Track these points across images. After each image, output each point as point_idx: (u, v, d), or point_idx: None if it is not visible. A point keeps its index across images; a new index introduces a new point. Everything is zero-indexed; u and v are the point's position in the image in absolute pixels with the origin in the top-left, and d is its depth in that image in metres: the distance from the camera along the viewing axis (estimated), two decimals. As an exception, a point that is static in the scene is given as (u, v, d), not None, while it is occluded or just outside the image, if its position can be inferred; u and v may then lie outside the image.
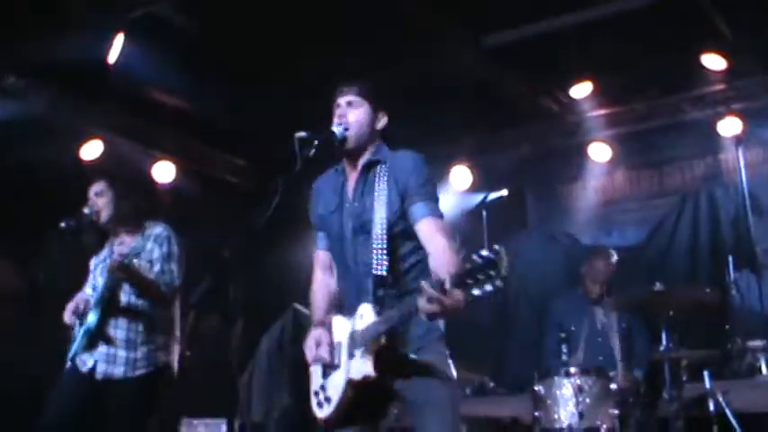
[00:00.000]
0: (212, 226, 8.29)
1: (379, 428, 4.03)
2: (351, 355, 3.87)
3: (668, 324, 6.06)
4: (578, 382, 5.98)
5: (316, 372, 4.09)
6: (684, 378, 6.13)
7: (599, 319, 6.98)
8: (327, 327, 4.08)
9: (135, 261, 5.27)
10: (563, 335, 6.37)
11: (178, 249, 5.46)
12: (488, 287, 3.26)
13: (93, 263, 5.59)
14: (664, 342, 6.05)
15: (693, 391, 6.15)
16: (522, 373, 6.75)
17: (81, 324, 5.29)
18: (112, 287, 5.29)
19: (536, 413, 6.12)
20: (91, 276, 5.55)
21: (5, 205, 7.22)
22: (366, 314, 3.85)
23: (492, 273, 3.25)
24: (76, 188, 5.57)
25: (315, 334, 4.07)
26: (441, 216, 3.97)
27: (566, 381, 6.03)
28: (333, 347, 4.00)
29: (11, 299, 7.45)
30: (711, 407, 6.01)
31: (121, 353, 5.24)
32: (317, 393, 4.04)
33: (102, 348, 5.24)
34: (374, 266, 3.89)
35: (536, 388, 6.16)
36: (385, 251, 3.90)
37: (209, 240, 7.77)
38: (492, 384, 7.24)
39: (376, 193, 4.00)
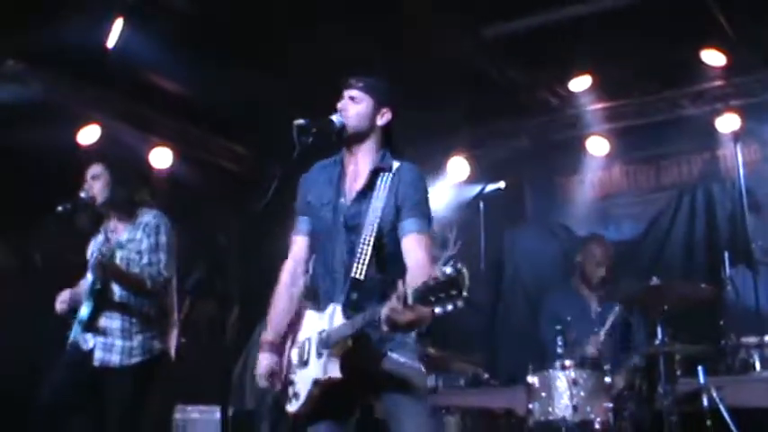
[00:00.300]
0: (209, 213, 8.30)
1: (348, 425, 4.03)
2: (319, 355, 3.88)
3: (663, 319, 6.06)
4: (573, 374, 5.98)
5: (289, 360, 4.09)
6: (679, 373, 6.13)
7: (594, 311, 6.98)
8: (278, 351, 4.08)
9: (120, 254, 5.30)
10: (558, 327, 6.36)
11: (167, 238, 5.46)
12: (449, 306, 3.27)
13: (91, 246, 5.59)
14: (659, 336, 6.05)
15: (687, 386, 6.15)
16: (517, 364, 6.75)
17: (75, 313, 5.30)
18: (103, 280, 5.30)
19: (530, 405, 6.12)
20: (90, 261, 5.55)
21: (3, 188, 7.20)
22: (336, 315, 3.87)
23: (453, 292, 3.27)
24: (74, 172, 5.56)
25: (269, 362, 4.06)
26: (428, 234, 4.01)
27: (560, 373, 6.03)
28: (289, 371, 4.02)
29: (7, 281, 7.45)
30: (705, 402, 6.01)
31: (118, 342, 5.27)
32: (289, 384, 4.05)
33: (99, 338, 5.26)
34: (353, 270, 3.90)
35: (530, 380, 6.16)
36: (367, 257, 3.91)
37: (206, 227, 7.81)
38: (486, 376, 7.25)
39: (375, 200, 4.01)
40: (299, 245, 4.27)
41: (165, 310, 5.46)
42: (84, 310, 5.28)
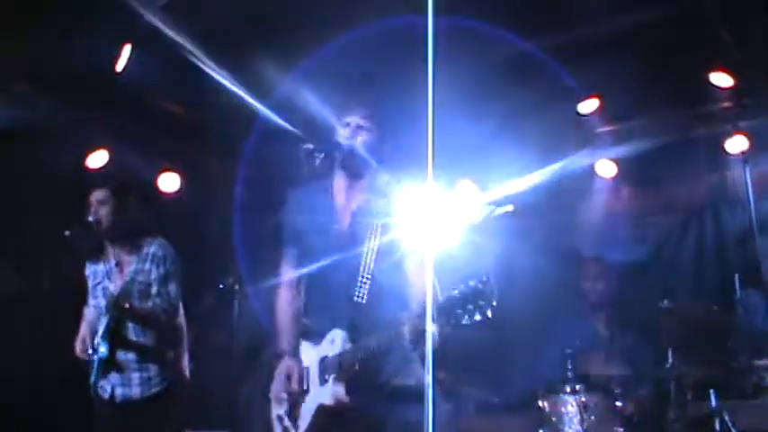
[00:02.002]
0: (217, 237, 8.29)
1: None
2: (323, 381, 3.86)
3: (674, 342, 6.03)
4: (583, 399, 5.95)
5: (277, 396, 4.06)
6: (690, 397, 6.10)
7: (603, 334, 6.94)
8: (297, 357, 4.07)
9: (129, 287, 5.31)
10: (567, 350, 6.33)
11: (174, 268, 5.48)
12: (477, 316, 3.35)
13: (90, 271, 5.59)
14: (669, 360, 6.01)
15: (699, 409, 6.11)
16: (526, 389, 6.71)
17: (95, 352, 5.30)
18: (116, 319, 5.31)
19: (540, 430, 6.09)
20: (90, 285, 5.55)
21: (11, 212, 7.21)
22: (337, 340, 3.84)
23: (481, 302, 3.33)
24: (82, 196, 5.57)
25: (287, 365, 4.07)
26: (427, 248, 3.99)
27: (570, 398, 6.00)
28: (302, 376, 3.99)
29: (14, 305, 7.44)
30: (717, 426, 5.97)
31: (135, 374, 5.30)
32: (281, 419, 4.01)
33: (116, 374, 5.27)
34: (355, 294, 3.88)
35: (540, 404, 6.13)
36: (368, 281, 3.89)
37: (214, 252, 7.80)
38: (495, 400, 7.21)
39: (372, 225, 4.00)
40: (288, 274, 4.31)
41: (175, 337, 5.47)
42: (103, 349, 5.29)
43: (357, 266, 3.97)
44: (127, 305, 5.20)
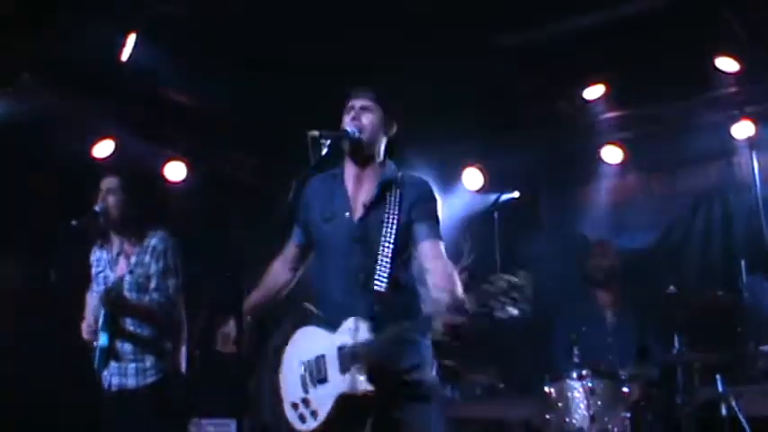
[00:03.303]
0: (224, 226, 8.30)
1: None
2: (344, 370, 3.85)
3: (680, 327, 6.04)
4: (590, 384, 5.96)
5: (290, 381, 4.06)
6: (697, 382, 6.10)
7: (609, 320, 6.95)
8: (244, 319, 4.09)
9: (128, 279, 5.32)
10: (574, 336, 6.34)
11: (174, 261, 5.48)
12: (512, 310, 3.41)
13: (95, 257, 5.60)
14: (676, 345, 6.02)
15: (706, 395, 6.12)
16: (533, 374, 6.72)
17: (96, 340, 5.33)
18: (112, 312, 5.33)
19: (547, 416, 6.10)
20: (94, 271, 5.57)
21: (17, 203, 7.23)
22: (359, 330, 3.85)
23: (516, 296, 3.39)
24: (88, 186, 5.58)
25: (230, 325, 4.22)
26: (441, 239, 4.08)
27: (577, 383, 6.01)
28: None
29: (22, 296, 7.47)
30: (724, 411, 5.99)
31: (131, 365, 5.31)
32: (295, 406, 4.01)
33: (113, 363, 5.29)
34: (375, 284, 3.89)
35: (547, 390, 6.14)
36: (388, 270, 3.91)
37: (221, 240, 7.81)
38: (502, 386, 7.22)
39: (387, 215, 4.01)
40: (290, 250, 4.34)
41: (175, 329, 5.49)
42: (102, 339, 5.31)
43: (372, 255, 3.97)
44: (119, 299, 5.22)
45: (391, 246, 3.96)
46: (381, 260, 3.94)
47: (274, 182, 8.44)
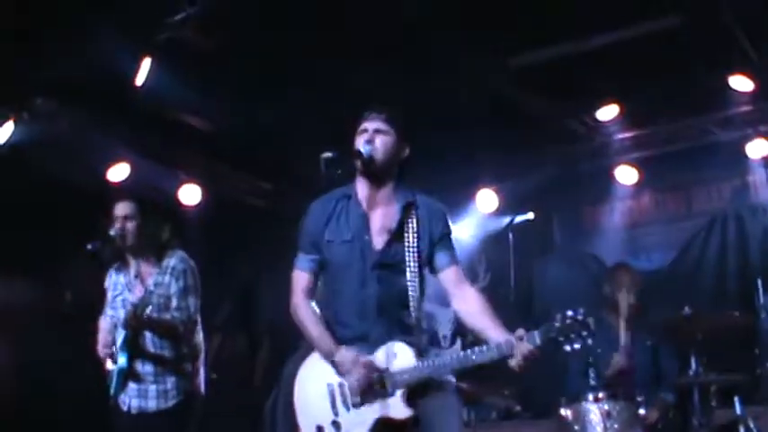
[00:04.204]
0: (238, 249, 8.32)
1: None
2: (385, 394, 3.85)
3: (697, 348, 5.99)
4: (606, 407, 5.91)
5: (315, 404, 4.02)
6: (714, 403, 6.05)
7: (625, 342, 6.89)
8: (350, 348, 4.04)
9: (149, 300, 5.32)
10: (590, 359, 6.30)
11: (194, 281, 5.50)
12: (577, 344, 3.69)
13: (111, 281, 5.61)
14: (692, 367, 5.97)
15: (723, 417, 6.06)
16: (549, 397, 6.68)
17: (114, 361, 5.32)
18: (134, 329, 5.33)
19: (563, 439, 6.06)
20: (110, 296, 5.58)
21: (33, 226, 7.26)
22: (402, 355, 3.86)
23: (584, 333, 3.67)
24: (103, 209, 5.60)
25: (344, 357, 3.95)
26: (460, 264, 4.18)
27: (593, 406, 5.96)
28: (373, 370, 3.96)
29: (38, 319, 7.49)
30: (742, 433, 5.93)
31: (152, 387, 5.31)
32: (321, 429, 3.98)
33: (133, 385, 5.29)
34: (409, 311, 3.93)
35: (563, 413, 6.09)
36: (417, 296, 3.94)
37: (235, 263, 7.83)
38: (518, 408, 7.18)
39: (411, 239, 4.02)
40: (304, 280, 4.19)
41: (194, 350, 5.49)
42: (122, 360, 5.31)
43: (392, 283, 3.98)
44: (146, 315, 5.21)
45: (418, 273, 4.00)
46: (412, 287, 3.97)
47: (287, 206, 8.47)
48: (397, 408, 3.81)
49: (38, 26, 6.41)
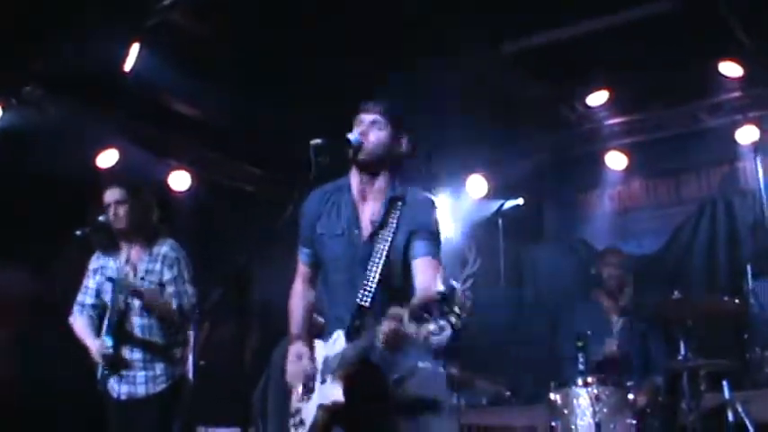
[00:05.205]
0: (228, 235, 8.30)
1: None
2: (323, 381, 3.87)
3: (686, 333, 6.01)
4: (595, 391, 5.93)
5: (296, 392, 4.07)
6: (703, 388, 6.08)
7: (615, 325, 6.92)
8: (306, 341, 4.07)
9: (145, 284, 5.32)
10: (579, 344, 6.31)
11: (188, 269, 5.50)
12: (442, 322, 3.28)
13: (98, 263, 5.59)
14: (682, 351, 5.99)
15: (712, 401, 6.10)
16: (539, 382, 6.71)
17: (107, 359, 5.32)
18: (120, 311, 5.32)
19: (552, 423, 6.08)
20: (95, 280, 5.55)
21: (22, 213, 7.24)
22: (338, 341, 3.86)
23: (445, 309, 3.27)
24: (92, 196, 5.58)
25: (294, 349, 4.07)
26: (438, 258, 4.00)
27: (582, 390, 5.98)
28: (314, 364, 4.00)
29: (27, 307, 7.47)
30: (731, 417, 5.96)
31: (140, 372, 5.32)
32: (293, 415, 4.02)
33: (122, 371, 5.29)
34: (361, 297, 3.89)
35: (552, 397, 6.11)
36: (375, 284, 3.90)
37: (224, 249, 7.81)
38: (508, 394, 7.21)
39: (387, 229, 3.99)
40: (303, 272, 4.27)
41: (183, 337, 5.49)
42: (108, 343, 5.30)
43: (368, 272, 3.97)
44: (149, 289, 5.23)
45: (383, 262, 3.95)
46: (370, 275, 3.93)
47: (277, 191, 8.46)
48: (326, 393, 3.82)
49: (26, 14, 6.38)
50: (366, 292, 3.89)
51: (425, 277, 3.85)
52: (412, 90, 6.80)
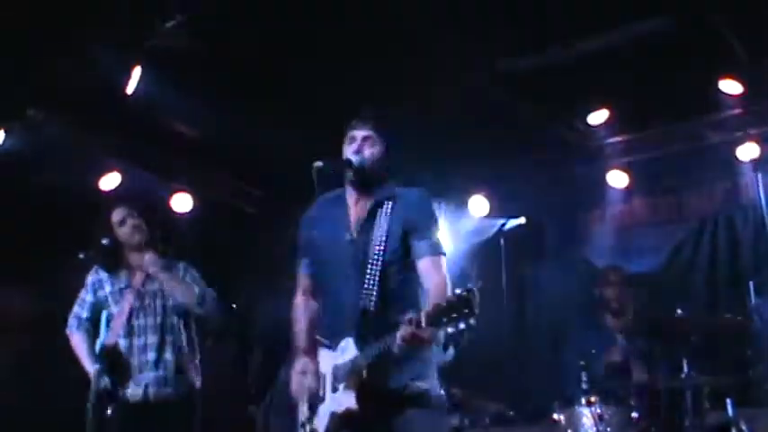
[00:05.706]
0: (230, 255, 8.31)
1: None
2: (334, 389, 3.89)
3: (689, 351, 6.00)
4: (599, 410, 5.92)
5: (303, 403, 4.09)
6: (706, 405, 6.06)
7: (619, 344, 6.92)
8: (312, 356, 4.10)
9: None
10: (582, 363, 6.30)
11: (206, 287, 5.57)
12: (461, 324, 3.36)
13: (95, 278, 5.60)
14: (685, 369, 5.98)
15: (716, 419, 6.07)
16: (542, 401, 6.69)
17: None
18: (165, 313, 5.36)
19: (556, 443, 6.07)
20: (89, 295, 5.56)
21: (24, 235, 7.25)
22: (348, 348, 3.89)
23: (465, 311, 3.36)
24: (95, 218, 5.59)
25: (299, 364, 4.11)
26: (442, 254, 4.06)
27: (586, 410, 5.97)
28: (320, 378, 4.02)
29: (27, 329, 7.48)
30: (735, 435, 5.94)
31: (171, 375, 5.33)
32: (303, 425, 4.03)
33: (151, 372, 5.30)
34: (363, 301, 3.90)
35: (556, 417, 6.10)
36: (376, 287, 3.92)
37: (227, 269, 7.82)
38: (511, 413, 7.19)
39: (377, 230, 4.02)
40: (303, 283, 4.34)
41: (193, 348, 5.55)
42: (152, 340, 5.36)
43: (365, 275, 3.99)
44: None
45: (380, 264, 3.97)
46: (369, 279, 3.95)
47: (277, 213, 8.47)
48: (339, 401, 3.84)
49: (28, 37, 6.41)
50: (368, 296, 3.91)
51: (435, 278, 3.91)
52: (413, 110, 6.83)
